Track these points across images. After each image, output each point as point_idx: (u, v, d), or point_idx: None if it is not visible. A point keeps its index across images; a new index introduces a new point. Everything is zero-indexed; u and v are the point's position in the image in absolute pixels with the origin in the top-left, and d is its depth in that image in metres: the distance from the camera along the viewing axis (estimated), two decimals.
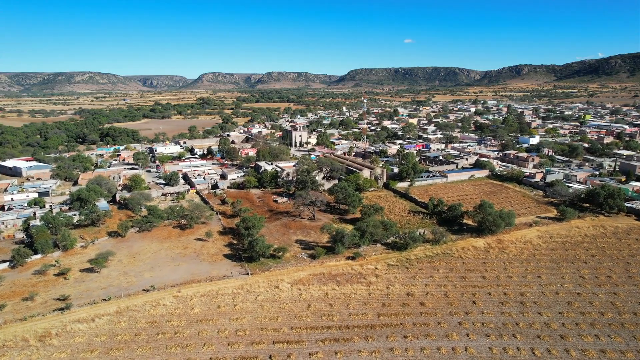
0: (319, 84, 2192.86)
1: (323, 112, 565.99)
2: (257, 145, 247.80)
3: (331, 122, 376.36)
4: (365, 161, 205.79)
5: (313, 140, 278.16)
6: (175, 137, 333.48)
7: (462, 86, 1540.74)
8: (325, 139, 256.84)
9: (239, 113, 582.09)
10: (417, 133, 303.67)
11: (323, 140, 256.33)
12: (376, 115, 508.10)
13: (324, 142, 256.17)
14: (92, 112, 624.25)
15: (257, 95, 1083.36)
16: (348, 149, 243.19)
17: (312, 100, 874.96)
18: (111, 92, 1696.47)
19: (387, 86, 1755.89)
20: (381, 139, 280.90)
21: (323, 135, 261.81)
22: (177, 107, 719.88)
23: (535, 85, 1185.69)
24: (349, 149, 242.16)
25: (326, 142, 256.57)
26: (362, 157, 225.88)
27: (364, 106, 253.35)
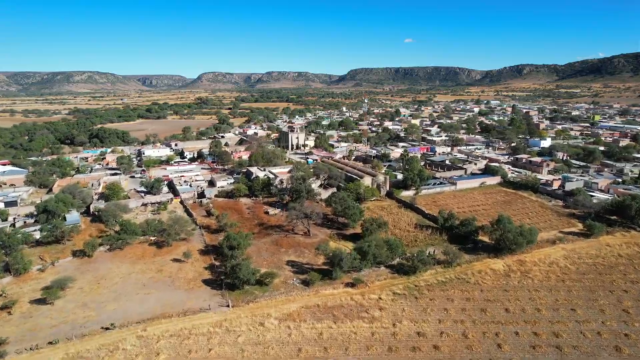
0: (319, 83, 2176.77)
1: (322, 113, 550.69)
2: (251, 148, 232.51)
3: (330, 123, 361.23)
4: (367, 166, 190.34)
5: (311, 143, 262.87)
6: (167, 138, 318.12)
7: (462, 86, 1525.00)
8: (324, 141, 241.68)
9: (236, 113, 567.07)
10: (420, 135, 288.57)
11: (321, 143, 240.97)
12: (377, 115, 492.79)
13: (323, 145, 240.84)
14: (87, 112, 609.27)
15: (256, 94, 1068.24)
16: (348, 152, 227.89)
17: (311, 100, 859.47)
18: (110, 91, 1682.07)
19: (388, 86, 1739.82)
20: (383, 142, 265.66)
21: (321, 138, 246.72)
22: (174, 107, 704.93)
23: (538, 85, 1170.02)
24: (348, 152, 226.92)
25: (325, 145, 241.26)
26: (362, 162, 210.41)
27: (364, 106, 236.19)
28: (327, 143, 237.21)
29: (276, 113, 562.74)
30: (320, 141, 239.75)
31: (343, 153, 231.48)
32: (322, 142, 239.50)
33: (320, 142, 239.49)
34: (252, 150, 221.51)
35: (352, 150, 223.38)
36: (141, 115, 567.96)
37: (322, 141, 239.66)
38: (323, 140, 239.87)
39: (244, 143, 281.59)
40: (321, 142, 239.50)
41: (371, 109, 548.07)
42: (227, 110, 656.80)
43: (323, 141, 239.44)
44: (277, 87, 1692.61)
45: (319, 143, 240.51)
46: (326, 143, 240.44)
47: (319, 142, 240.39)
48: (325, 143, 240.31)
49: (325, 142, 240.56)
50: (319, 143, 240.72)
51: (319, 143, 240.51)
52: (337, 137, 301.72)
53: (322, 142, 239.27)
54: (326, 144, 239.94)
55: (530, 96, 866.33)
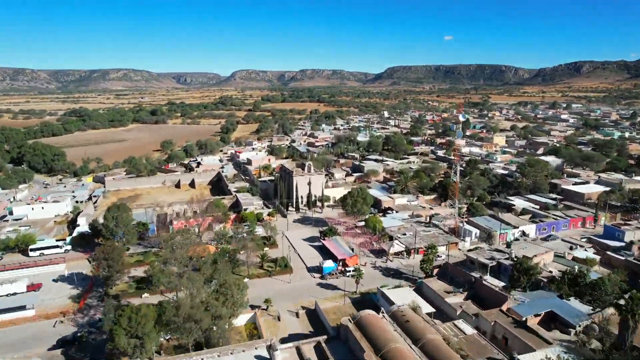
0: (354, 82, 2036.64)
1: (358, 119, 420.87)
2: (216, 211, 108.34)
3: (371, 142, 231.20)
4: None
5: (335, 193, 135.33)
6: (101, 169, 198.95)
7: (511, 85, 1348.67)
8: (360, 203, 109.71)
9: (252, 117, 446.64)
10: (544, 178, 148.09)
11: (356, 205, 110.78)
12: (431, 124, 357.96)
13: (359, 208, 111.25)
14: (80, 113, 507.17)
15: (287, 93, 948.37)
16: (427, 258, 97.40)
17: (345, 100, 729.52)
18: (144, 88, 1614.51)
19: (428, 85, 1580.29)
20: (479, 196, 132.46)
21: (358, 196, 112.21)
22: (188, 108, 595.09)
23: (607, 85, 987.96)
24: (427, 259, 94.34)
25: (362, 209, 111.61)
26: (478, 297, 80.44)
27: (459, 133, 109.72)
28: (375, 222, 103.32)
29: (300, 118, 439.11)
30: (355, 203, 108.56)
31: (406, 231, 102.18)
32: (357, 202, 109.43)
33: (355, 204, 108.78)
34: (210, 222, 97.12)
35: (432, 257, 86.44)
36: (137, 119, 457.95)
37: (357, 203, 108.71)
38: (359, 201, 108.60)
39: (219, 182, 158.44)
40: (356, 204, 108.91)
41: (423, 115, 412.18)
42: (245, 111, 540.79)
43: (360, 203, 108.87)
44: (310, 86, 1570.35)
45: (354, 203, 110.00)
46: (365, 206, 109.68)
47: (355, 202, 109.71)
48: (363, 206, 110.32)
49: (363, 204, 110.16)
50: (353, 204, 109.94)
51: (354, 203, 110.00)
52: (384, 173, 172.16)
53: (358, 202, 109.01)
54: (364, 206, 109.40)
55: (608, 97, 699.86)
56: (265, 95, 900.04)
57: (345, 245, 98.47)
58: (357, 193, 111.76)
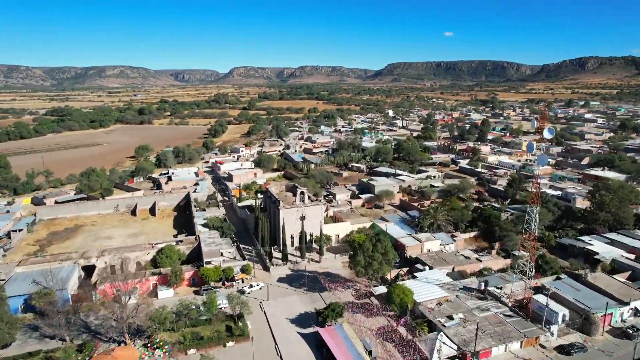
0: (353, 78, 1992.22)
1: (361, 119, 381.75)
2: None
3: (379, 149, 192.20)
4: None
5: (338, 230, 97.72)
6: (50, 184, 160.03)
7: (514, 82, 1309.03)
8: (378, 262, 71.01)
9: (247, 116, 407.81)
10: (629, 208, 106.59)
11: (372, 264, 72.33)
12: (442, 124, 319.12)
13: (377, 269, 72.52)
14: (61, 112, 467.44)
15: (284, 90, 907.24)
16: None
17: (345, 97, 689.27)
18: (140, 86, 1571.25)
19: (429, 81, 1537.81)
20: (542, 240, 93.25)
21: (375, 250, 72.14)
22: (180, 106, 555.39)
23: (616, 81, 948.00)
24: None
25: (381, 269, 72.94)
26: None
27: (542, 159, 79.15)
28: (401, 295, 63.93)
29: (297, 118, 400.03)
30: (371, 262, 69.52)
31: (437, 304, 64.03)
32: (372, 266, 70.70)
33: (371, 264, 69.85)
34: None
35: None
36: (121, 119, 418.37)
37: (373, 262, 69.77)
38: (376, 261, 69.80)
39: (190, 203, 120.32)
40: (371, 264, 70.05)
41: (432, 115, 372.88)
42: (239, 110, 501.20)
43: (377, 263, 70.42)
44: (309, 82, 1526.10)
45: (368, 265, 70.99)
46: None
47: (369, 264, 70.73)
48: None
49: (383, 268, 71.38)
50: (367, 266, 70.91)
51: (368, 265, 70.99)
52: (400, 193, 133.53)
53: (375, 264, 70.20)
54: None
55: (621, 94, 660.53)
56: (263, 92, 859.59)
57: (357, 339, 60.35)
58: (373, 244, 73.25)
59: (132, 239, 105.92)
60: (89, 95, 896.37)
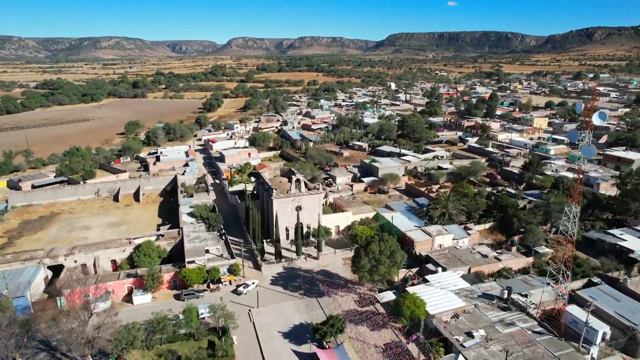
0: (354, 49, 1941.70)
1: (362, 91, 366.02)
2: None
3: (382, 126, 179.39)
4: None
5: (338, 221, 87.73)
6: (31, 165, 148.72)
7: (518, 53, 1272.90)
8: (386, 265, 60.47)
9: (244, 89, 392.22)
10: None
11: (378, 268, 62.31)
12: (447, 98, 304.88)
13: (383, 273, 62.59)
14: (52, 85, 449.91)
15: (283, 62, 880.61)
16: None
17: (346, 69, 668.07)
18: (137, 57, 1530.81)
19: (431, 52, 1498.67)
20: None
21: (382, 253, 61.24)
22: (175, 79, 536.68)
23: (625, 52, 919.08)
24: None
25: (388, 274, 63.11)
26: None
27: (588, 150, 66.39)
28: (412, 306, 53.67)
29: (296, 91, 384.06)
30: (376, 265, 59.42)
31: (453, 317, 54.62)
32: (379, 270, 60.64)
33: (377, 268, 59.66)
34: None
35: None
36: (114, 93, 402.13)
37: (380, 265, 59.55)
38: (384, 264, 59.76)
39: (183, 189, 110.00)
40: (377, 268, 59.82)
41: (436, 89, 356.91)
42: (236, 82, 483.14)
43: (385, 266, 60.62)
44: (309, 54, 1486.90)
45: (373, 270, 60.70)
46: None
47: (374, 268, 60.49)
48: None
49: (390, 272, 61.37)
50: (372, 270, 60.56)
51: (373, 270, 60.70)
52: (406, 177, 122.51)
53: (382, 268, 60.19)
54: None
55: (631, 66, 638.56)
56: (261, 64, 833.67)
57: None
58: (378, 245, 62.93)
59: (112, 230, 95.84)
60: (82, 68, 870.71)
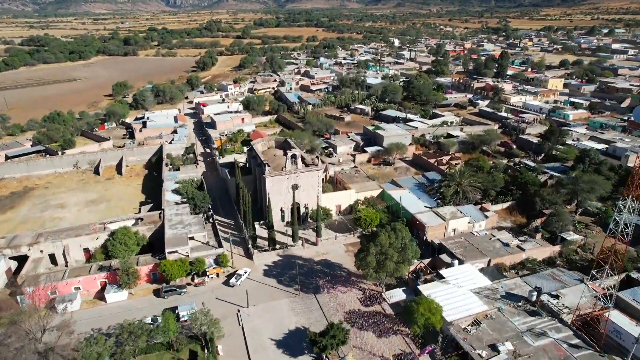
0: (355, 3, 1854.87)
1: (363, 49, 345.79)
2: None
3: (386, 88, 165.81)
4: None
5: (340, 200, 78.31)
6: (8, 131, 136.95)
7: (527, 7, 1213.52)
8: (397, 259, 52.51)
9: (240, 46, 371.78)
10: None
11: (386, 264, 53.72)
12: (454, 56, 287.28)
13: (393, 270, 53.82)
14: (39, 41, 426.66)
15: (281, 16, 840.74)
16: None
17: (347, 24, 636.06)
18: (129, 12, 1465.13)
19: (435, 6, 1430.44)
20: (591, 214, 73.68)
21: (392, 247, 53.47)
22: (169, 35, 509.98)
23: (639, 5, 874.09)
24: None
25: (398, 271, 54.31)
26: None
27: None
28: (427, 313, 45.52)
29: (294, 48, 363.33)
30: (385, 262, 51.23)
31: (473, 324, 46.63)
32: (387, 266, 51.94)
33: (385, 264, 51.52)
34: None
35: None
36: (103, 50, 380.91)
37: (389, 262, 51.28)
38: (392, 259, 51.20)
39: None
40: (385, 264, 51.47)
41: (442, 45, 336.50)
42: (232, 39, 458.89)
43: (393, 262, 51.94)
44: (308, 8, 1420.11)
45: (381, 266, 52.25)
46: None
47: (382, 264, 52.04)
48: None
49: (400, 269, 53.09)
50: (379, 268, 52.05)
51: (381, 266, 52.25)
52: (413, 146, 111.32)
53: (390, 265, 51.50)
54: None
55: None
56: (259, 18, 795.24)
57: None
58: (388, 237, 53.64)
59: (90, 209, 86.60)
60: (72, 23, 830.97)
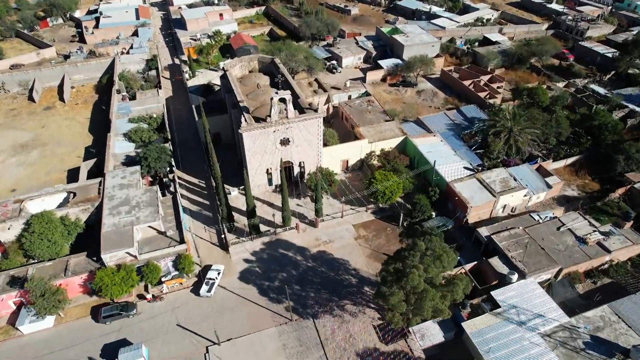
0: None
1: None
2: None
3: None
4: None
5: (347, 153, 57.87)
6: None
7: None
8: (432, 299, 33.15)
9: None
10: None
11: (421, 306, 35.14)
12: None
13: (427, 309, 35.64)
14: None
15: None
16: None
17: None
18: None
19: None
20: None
21: (427, 293, 32.34)
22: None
23: None
24: None
25: (439, 311, 36.01)
26: None
27: None
28: None
29: None
30: (420, 305, 32.05)
31: None
32: (422, 309, 33.47)
33: (420, 306, 32.43)
34: None
35: None
36: None
37: (424, 304, 32.20)
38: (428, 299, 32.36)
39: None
40: (420, 305, 32.58)
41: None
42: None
43: (429, 304, 33.13)
44: None
45: (412, 308, 33.76)
46: None
47: (417, 303, 33.36)
48: None
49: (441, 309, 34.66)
50: (407, 311, 33.67)
51: (412, 308, 33.76)
52: (443, 56, 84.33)
53: (425, 306, 32.90)
54: None
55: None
56: None
57: None
58: (424, 268, 34.30)
59: (18, 160, 65.38)
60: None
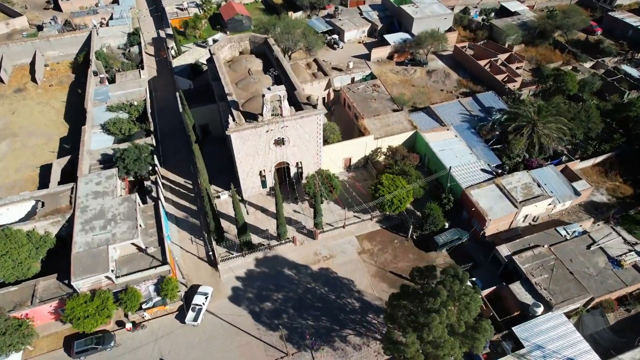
0: None
1: None
2: None
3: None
4: None
5: (350, 150, 51.66)
6: None
7: None
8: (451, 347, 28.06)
9: None
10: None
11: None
12: None
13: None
14: None
15: None
16: None
17: None
18: None
19: None
20: None
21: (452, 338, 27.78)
22: None
23: None
24: None
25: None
26: None
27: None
28: None
29: None
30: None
31: None
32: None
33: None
34: None
35: None
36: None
37: (443, 354, 27.39)
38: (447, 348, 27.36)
39: None
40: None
41: None
42: None
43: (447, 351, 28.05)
44: None
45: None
46: None
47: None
48: None
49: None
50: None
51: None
52: (458, 29, 75.16)
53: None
54: None
55: None
56: None
57: None
58: (447, 316, 28.99)
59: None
60: None
